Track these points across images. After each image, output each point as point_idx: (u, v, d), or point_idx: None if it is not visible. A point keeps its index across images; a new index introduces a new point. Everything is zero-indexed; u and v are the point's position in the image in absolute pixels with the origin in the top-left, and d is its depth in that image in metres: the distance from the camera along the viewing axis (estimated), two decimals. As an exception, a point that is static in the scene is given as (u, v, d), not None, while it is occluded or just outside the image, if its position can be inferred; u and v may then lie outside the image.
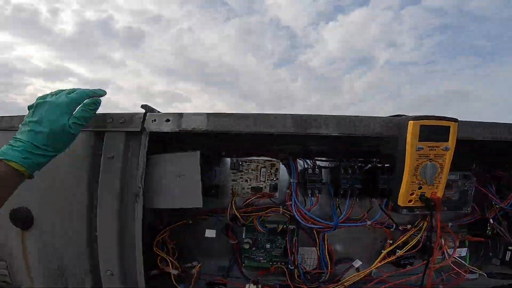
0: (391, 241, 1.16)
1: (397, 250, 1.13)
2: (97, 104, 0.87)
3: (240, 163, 1.17)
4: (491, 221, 1.16)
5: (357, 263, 1.17)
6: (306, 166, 1.15)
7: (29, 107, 0.77)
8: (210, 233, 1.08)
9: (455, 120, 0.84)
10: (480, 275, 1.20)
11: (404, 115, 0.91)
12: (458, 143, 1.10)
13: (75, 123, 0.79)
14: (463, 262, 1.19)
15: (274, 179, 1.17)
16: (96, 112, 0.89)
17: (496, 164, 1.21)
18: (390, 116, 0.95)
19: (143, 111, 0.98)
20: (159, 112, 1.02)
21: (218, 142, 1.19)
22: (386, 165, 1.11)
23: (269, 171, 1.17)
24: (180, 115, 0.95)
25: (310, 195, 1.10)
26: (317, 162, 1.16)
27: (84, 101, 0.84)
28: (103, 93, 0.88)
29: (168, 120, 0.95)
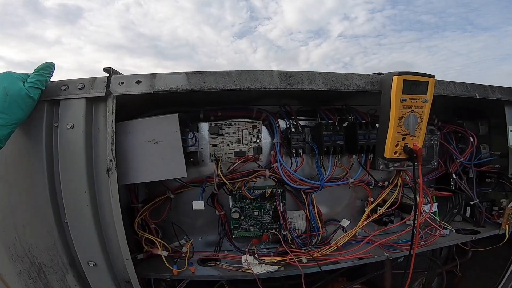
0: (372, 199, 1.27)
1: (378, 208, 1.24)
2: (51, 67, 0.82)
3: (220, 126, 1.13)
4: (454, 175, 1.32)
5: (345, 223, 1.23)
6: (287, 125, 1.16)
7: None
8: (198, 205, 1.03)
9: (432, 76, 0.93)
10: (450, 231, 1.31)
11: (384, 73, 0.97)
12: None
13: (31, 87, 0.76)
14: (436, 218, 1.29)
15: (257, 141, 1.16)
16: (51, 77, 0.83)
17: (451, 119, 1.36)
18: (371, 73, 1.01)
19: (106, 74, 0.87)
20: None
21: (192, 105, 1.14)
22: (363, 121, 1.18)
23: (251, 133, 1.15)
24: (153, 75, 0.86)
25: (295, 155, 1.13)
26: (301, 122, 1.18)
27: (36, 68, 0.81)
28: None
29: (139, 82, 0.85)
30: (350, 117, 1.19)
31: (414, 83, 0.90)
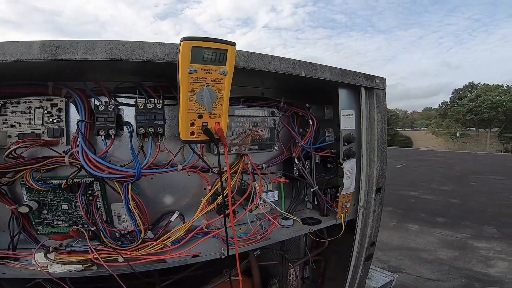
0: (210, 187, 1.15)
1: (217, 197, 1.13)
2: None
3: (2, 104, 0.89)
4: (296, 160, 1.26)
5: (174, 216, 1.12)
6: (98, 104, 0.95)
7: None
8: None
9: (232, 43, 0.81)
10: (295, 221, 1.24)
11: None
12: (265, 77, 1.13)
13: None
14: (276, 207, 1.20)
15: (56, 121, 0.95)
16: None
17: (299, 102, 1.31)
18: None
19: None
20: None
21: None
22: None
23: (48, 112, 0.94)
24: None
25: (104, 138, 0.94)
26: (121, 100, 1.01)
27: None
28: None
29: None
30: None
31: (208, 51, 0.77)
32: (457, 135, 27.23)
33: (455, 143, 25.96)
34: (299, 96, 1.35)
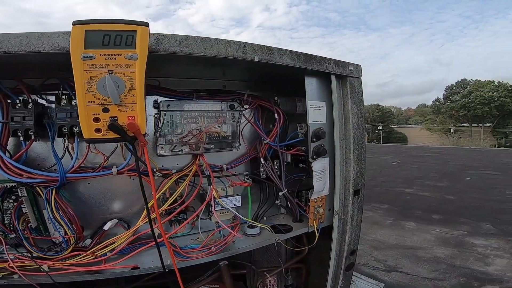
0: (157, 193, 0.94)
1: (164, 203, 0.94)
2: None
3: None
4: (262, 161, 1.05)
5: (108, 225, 0.94)
6: (17, 102, 0.80)
7: None
8: None
9: (143, 24, 0.62)
10: (263, 229, 1.06)
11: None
12: (225, 68, 0.95)
13: None
14: (237, 214, 1.01)
15: None
16: None
17: (267, 94, 1.13)
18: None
19: None
20: None
21: None
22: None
23: None
24: None
25: (23, 139, 0.78)
26: (50, 98, 0.86)
27: None
28: None
29: None
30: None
31: (110, 34, 0.59)
32: (451, 131, 26.73)
33: (449, 139, 25.52)
34: (271, 89, 1.15)
